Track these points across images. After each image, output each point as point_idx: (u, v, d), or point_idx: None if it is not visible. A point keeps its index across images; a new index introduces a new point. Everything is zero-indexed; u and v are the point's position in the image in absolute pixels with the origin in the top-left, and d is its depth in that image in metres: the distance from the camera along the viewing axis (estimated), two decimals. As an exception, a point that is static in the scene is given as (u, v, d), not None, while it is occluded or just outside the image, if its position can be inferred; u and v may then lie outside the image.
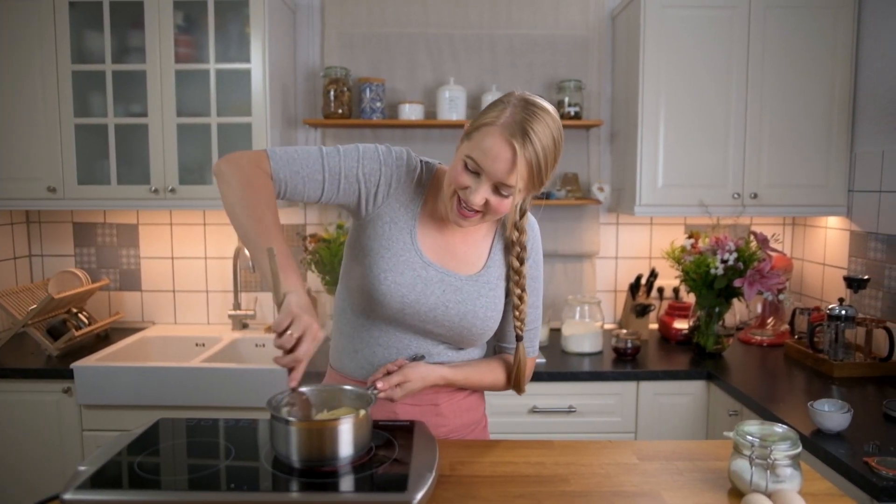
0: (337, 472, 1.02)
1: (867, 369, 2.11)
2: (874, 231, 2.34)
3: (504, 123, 1.13)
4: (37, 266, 2.84)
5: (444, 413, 1.35)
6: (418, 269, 1.26)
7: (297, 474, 1.01)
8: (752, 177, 2.47)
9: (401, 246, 1.26)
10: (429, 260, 1.27)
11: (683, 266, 2.41)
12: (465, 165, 1.17)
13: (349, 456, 1.04)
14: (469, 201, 1.17)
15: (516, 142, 1.12)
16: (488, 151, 1.13)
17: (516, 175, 1.13)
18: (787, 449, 1.04)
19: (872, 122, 2.37)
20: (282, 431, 1.04)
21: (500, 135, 1.13)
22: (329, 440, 1.03)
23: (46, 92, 2.39)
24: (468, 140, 1.18)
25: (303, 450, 1.03)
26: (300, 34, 2.76)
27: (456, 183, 1.18)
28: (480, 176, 1.16)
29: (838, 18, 2.42)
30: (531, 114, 1.14)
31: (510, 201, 1.18)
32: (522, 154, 1.12)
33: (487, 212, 1.19)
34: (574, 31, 2.75)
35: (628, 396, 2.26)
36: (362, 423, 1.06)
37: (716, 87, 2.44)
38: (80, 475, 0.99)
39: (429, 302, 1.26)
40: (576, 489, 1.08)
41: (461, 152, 1.19)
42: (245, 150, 1.21)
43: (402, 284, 1.24)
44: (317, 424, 1.05)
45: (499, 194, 1.17)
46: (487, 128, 1.14)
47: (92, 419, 2.23)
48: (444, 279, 1.27)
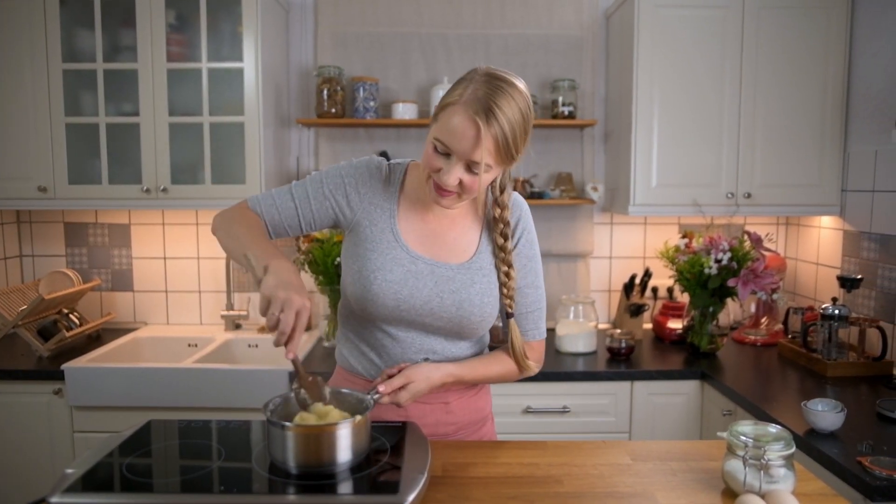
0: (329, 475, 1.01)
1: (860, 369, 2.12)
2: (867, 231, 2.34)
3: (467, 101, 1.13)
4: (27, 266, 2.82)
5: (454, 410, 1.35)
6: (407, 264, 1.26)
7: (290, 477, 1.00)
8: (746, 176, 2.47)
9: (385, 245, 1.27)
10: (416, 253, 1.28)
11: (677, 266, 2.41)
12: (434, 148, 1.18)
13: (347, 461, 1.02)
14: (443, 182, 1.18)
15: (480, 119, 1.11)
16: (454, 131, 1.14)
17: (483, 152, 1.13)
18: (781, 449, 1.04)
19: (865, 122, 2.38)
20: (278, 436, 1.02)
21: (463, 113, 1.13)
22: (327, 445, 1.01)
23: (37, 91, 2.37)
24: (436, 122, 1.19)
25: (299, 455, 1.01)
26: (293, 33, 2.75)
27: (429, 166, 1.19)
28: (451, 156, 1.16)
29: (831, 18, 2.43)
30: (495, 88, 1.13)
31: (485, 179, 1.19)
32: (487, 131, 1.12)
33: (463, 191, 1.20)
34: (568, 30, 2.75)
35: (622, 396, 2.26)
36: (360, 428, 1.04)
37: (709, 87, 2.44)
38: (68, 478, 0.98)
39: (422, 295, 1.26)
40: (569, 490, 1.08)
41: (430, 135, 1.20)
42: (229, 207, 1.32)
43: (393, 281, 1.25)
44: (314, 430, 1.02)
45: (471, 172, 1.18)
46: (452, 107, 1.15)
47: (83, 420, 2.21)
48: (434, 270, 1.27)
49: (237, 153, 2.41)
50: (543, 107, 2.74)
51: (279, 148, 2.64)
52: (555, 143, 2.79)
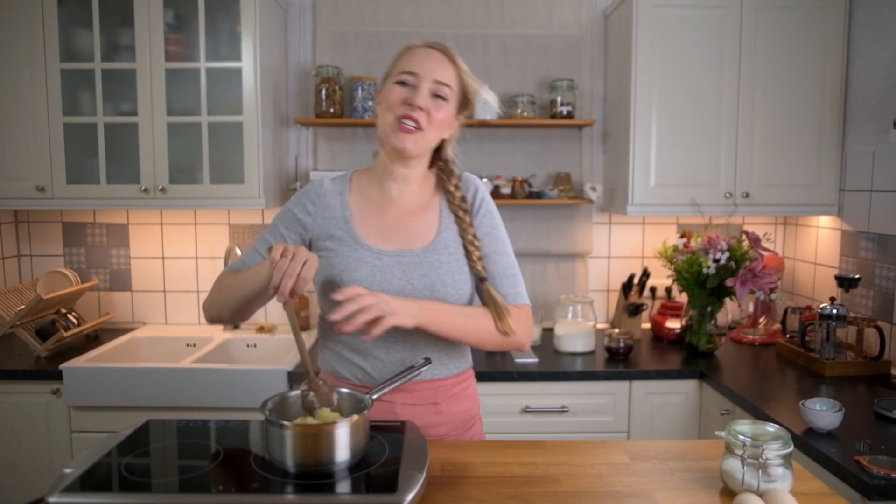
0: (327, 474, 1.01)
1: (858, 368, 2.12)
2: (865, 230, 2.35)
3: (416, 43, 1.29)
4: (25, 266, 2.81)
5: (444, 411, 1.35)
6: (371, 261, 1.29)
7: (288, 476, 1.00)
8: (744, 176, 2.47)
9: (346, 248, 1.31)
10: (379, 248, 1.30)
11: (676, 265, 2.41)
12: (398, 83, 1.26)
13: (345, 461, 1.02)
14: (413, 102, 1.24)
15: (437, 47, 1.27)
16: (416, 57, 1.26)
17: (449, 71, 1.26)
18: (779, 448, 1.04)
19: (863, 122, 2.38)
20: (276, 436, 1.02)
21: (420, 46, 1.28)
22: (325, 445, 1.01)
23: (35, 90, 2.36)
24: (388, 76, 1.29)
25: (298, 454, 1.01)
26: (292, 33, 2.75)
27: (396, 101, 1.26)
28: (417, 84, 1.25)
29: (829, 18, 2.43)
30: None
31: (448, 110, 1.28)
32: (448, 53, 1.27)
33: (429, 124, 1.26)
34: (567, 30, 2.75)
35: (621, 396, 2.26)
36: (358, 427, 1.04)
37: (708, 87, 2.44)
38: (66, 478, 0.98)
39: (392, 286, 1.27)
40: (567, 489, 1.08)
41: (390, 81, 1.28)
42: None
43: (360, 279, 1.27)
44: (313, 429, 1.03)
45: (437, 97, 1.26)
46: (404, 52, 1.29)
47: (81, 421, 2.21)
48: (399, 260, 1.29)
49: (236, 153, 2.41)
50: (542, 106, 2.74)
51: (278, 148, 2.64)
52: (553, 143, 2.79)
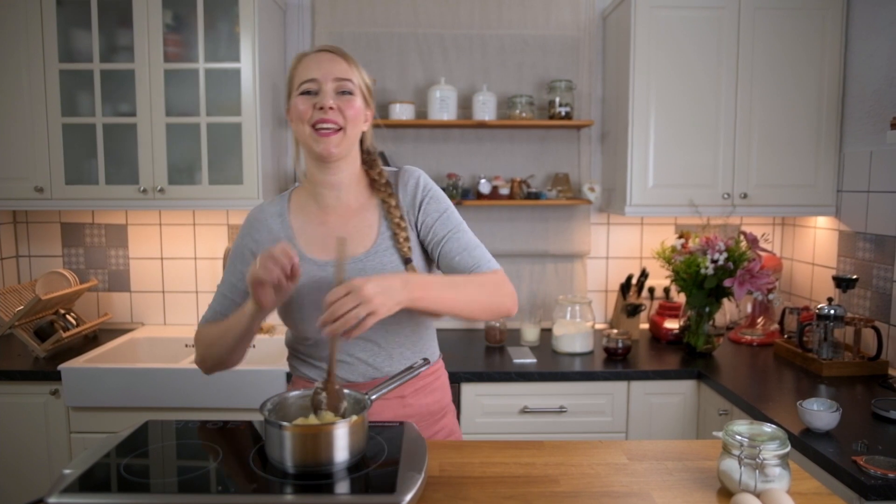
0: (326, 475, 1.02)
1: (856, 368, 2.12)
2: (863, 231, 2.35)
3: (304, 53, 1.32)
4: (24, 267, 2.81)
5: (411, 404, 1.37)
6: (316, 273, 1.31)
7: (287, 477, 1.01)
8: (742, 177, 2.48)
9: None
10: (322, 260, 1.32)
11: (674, 266, 2.42)
12: (302, 94, 1.28)
13: (344, 461, 1.02)
14: (323, 106, 1.25)
15: (324, 48, 1.31)
16: (311, 64, 1.28)
17: (346, 65, 1.29)
18: (776, 448, 1.04)
19: (860, 123, 2.39)
20: (275, 436, 1.02)
21: (309, 54, 1.31)
22: (324, 445, 1.01)
23: (33, 91, 2.37)
24: (292, 91, 1.31)
25: (297, 455, 1.01)
26: (290, 33, 2.75)
27: (304, 109, 1.27)
28: (319, 88, 1.27)
29: (827, 20, 2.44)
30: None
31: (358, 101, 1.30)
32: (337, 52, 1.30)
33: (345, 121, 1.27)
34: (565, 31, 2.75)
35: (619, 396, 2.27)
36: (357, 428, 1.04)
37: (706, 88, 2.45)
38: (66, 478, 0.98)
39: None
40: (565, 490, 1.08)
41: (294, 95, 1.29)
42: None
43: (306, 293, 1.29)
44: (312, 429, 1.02)
45: (344, 93, 1.28)
46: (297, 66, 1.31)
47: (80, 421, 2.21)
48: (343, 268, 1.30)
49: (234, 153, 2.41)
50: (540, 107, 2.75)
51: (276, 148, 2.64)
52: (552, 144, 2.80)
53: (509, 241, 2.80)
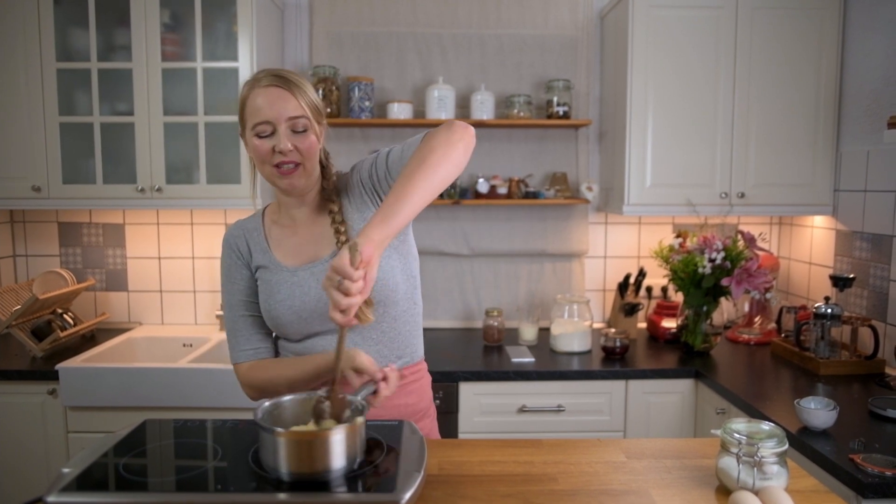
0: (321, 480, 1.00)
1: (853, 367, 2.13)
2: (859, 230, 2.36)
3: (253, 84, 1.28)
4: (21, 266, 2.81)
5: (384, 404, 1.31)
6: (289, 279, 1.35)
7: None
8: (740, 176, 2.49)
9: (269, 275, 1.37)
10: (294, 267, 1.36)
11: (671, 265, 2.42)
12: (258, 136, 1.27)
13: (341, 468, 0.99)
14: (281, 152, 1.26)
15: (274, 81, 1.26)
16: (262, 105, 1.25)
17: (298, 102, 1.26)
18: (774, 446, 1.04)
19: (857, 123, 2.39)
20: (269, 442, 0.99)
21: (259, 88, 1.26)
22: (320, 453, 0.98)
23: (31, 90, 2.36)
24: (244, 125, 1.30)
25: (292, 463, 0.98)
26: (288, 33, 2.75)
27: (262, 155, 1.27)
28: (274, 130, 1.26)
29: (824, 20, 2.44)
30: (262, 71, 1.30)
31: (312, 135, 1.28)
32: (287, 85, 1.26)
33: (303, 157, 1.28)
34: (563, 30, 2.76)
35: (617, 395, 2.27)
36: (355, 433, 1.01)
37: (703, 88, 2.45)
38: (65, 477, 0.98)
39: (311, 297, 1.32)
40: (564, 488, 1.08)
41: (248, 134, 1.29)
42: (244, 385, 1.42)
43: (281, 300, 1.33)
44: (307, 436, 0.99)
45: (298, 132, 1.27)
46: (247, 99, 1.28)
47: (77, 421, 2.21)
48: (312, 271, 1.34)
49: (232, 153, 2.41)
50: (538, 107, 2.75)
51: (274, 147, 2.63)
52: (550, 143, 2.80)
53: (507, 240, 2.80)
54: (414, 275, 1.41)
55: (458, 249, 2.79)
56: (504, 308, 2.80)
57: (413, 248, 1.43)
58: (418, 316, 1.44)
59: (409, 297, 1.39)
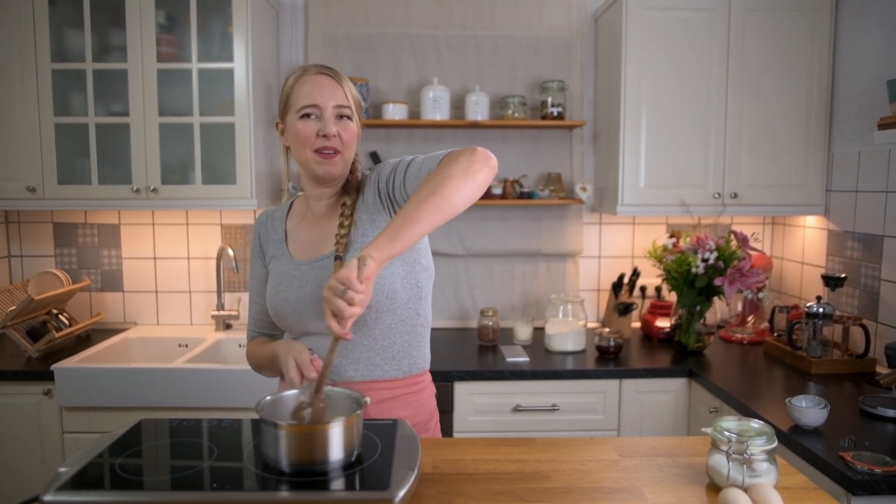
0: (321, 473, 1.02)
1: (844, 366, 2.15)
2: (851, 230, 2.38)
3: (305, 71, 1.34)
4: (16, 267, 2.80)
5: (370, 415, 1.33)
6: (292, 272, 1.37)
7: (281, 474, 1.01)
8: (733, 177, 2.50)
9: (278, 265, 1.41)
10: (300, 261, 1.38)
11: (665, 265, 2.44)
12: (302, 118, 1.31)
13: (339, 460, 1.02)
14: (326, 134, 1.30)
15: (325, 70, 1.33)
16: (312, 91, 1.31)
17: (345, 92, 1.32)
18: (763, 444, 1.06)
19: (849, 124, 2.41)
20: (271, 435, 1.02)
21: (310, 75, 1.33)
22: (319, 444, 1.01)
23: (25, 90, 2.36)
24: (289, 109, 1.34)
25: (292, 454, 1.01)
26: (283, 34, 2.75)
27: (306, 137, 1.31)
28: (320, 114, 1.31)
29: (816, 22, 2.46)
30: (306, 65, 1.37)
31: (354, 124, 1.34)
32: (337, 76, 1.34)
33: (343, 146, 1.33)
34: (557, 32, 2.77)
35: (611, 394, 2.29)
36: (353, 426, 1.05)
37: (697, 89, 2.47)
38: (61, 476, 0.99)
39: (307, 291, 1.33)
40: (557, 486, 1.09)
41: (292, 118, 1.33)
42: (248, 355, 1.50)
43: (281, 291, 1.37)
44: (307, 429, 1.03)
45: (342, 119, 1.33)
46: (296, 84, 1.33)
47: (73, 421, 2.21)
48: (312, 267, 1.35)
49: (228, 153, 2.41)
50: (533, 107, 2.76)
51: (270, 148, 2.64)
52: (544, 144, 2.81)
53: (502, 240, 2.81)
54: (420, 286, 1.36)
55: (454, 249, 2.80)
56: (499, 308, 2.81)
57: (424, 258, 1.38)
58: (422, 328, 1.40)
59: (410, 307, 1.35)
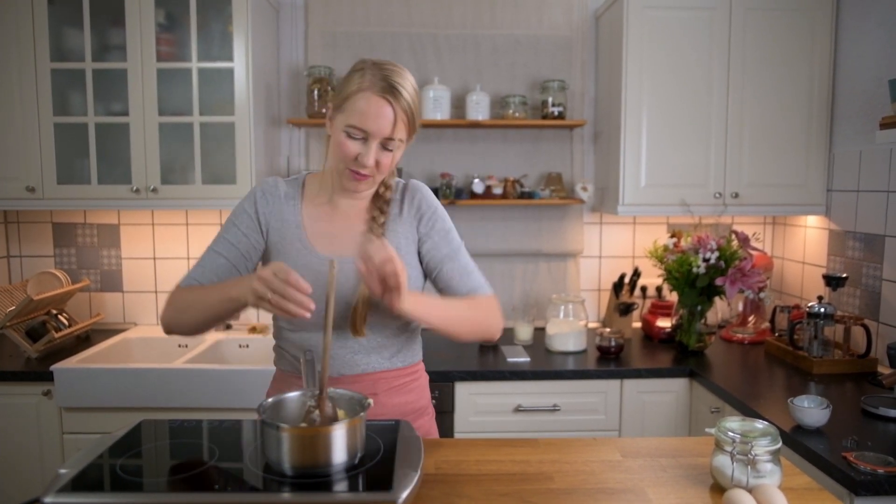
0: (324, 475, 1.01)
1: (846, 366, 2.15)
2: (852, 230, 2.37)
3: (371, 84, 1.23)
4: (15, 267, 2.80)
5: (383, 402, 1.36)
6: (316, 267, 1.31)
7: (283, 476, 1.01)
8: (733, 176, 2.50)
9: (295, 253, 1.34)
10: (324, 255, 1.33)
11: (666, 265, 2.43)
12: (348, 136, 1.25)
13: (342, 463, 1.01)
14: (364, 163, 1.25)
15: (389, 96, 1.23)
16: (367, 113, 1.23)
17: (399, 126, 1.25)
18: (768, 444, 1.05)
19: (850, 123, 2.41)
20: (273, 438, 1.01)
21: (373, 95, 1.23)
22: (322, 447, 1.00)
23: (24, 90, 2.35)
24: (341, 113, 1.26)
25: (296, 457, 1.00)
26: (283, 33, 2.75)
27: (346, 155, 1.26)
28: (367, 139, 1.25)
29: (816, 21, 2.46)
30: (389, 70, 1.26)
31: (396, 155, 1.30)
32: (399, 105, 1.24)
33: (378, 171, 1.29)
34: (557, 31, 2.77)
35: (612, 394, 2.28)
36: (357, 428, 1.04)
37: (697, 88, 2.46)
38: (62, 478, 0.98)
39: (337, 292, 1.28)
40: (560, 487, 1.09)
41: (338, 126, 1.27)
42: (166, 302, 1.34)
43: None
44: (310, 431, 1.02)
45: (385, 150, 1.27)
46: (357, 94, 1.24)
47: (72, 422, 2.20)
48: (342, 267, 1.31)
49: (228, 153, 2.40)
50: (533, 107, 2.76)
51: (270, 148, 2.64)
52: (545, 144, 2.81)
53: (502, 240, 2.81)
54: (417, 287, 1.41)
55: (454, 249, 2.79)
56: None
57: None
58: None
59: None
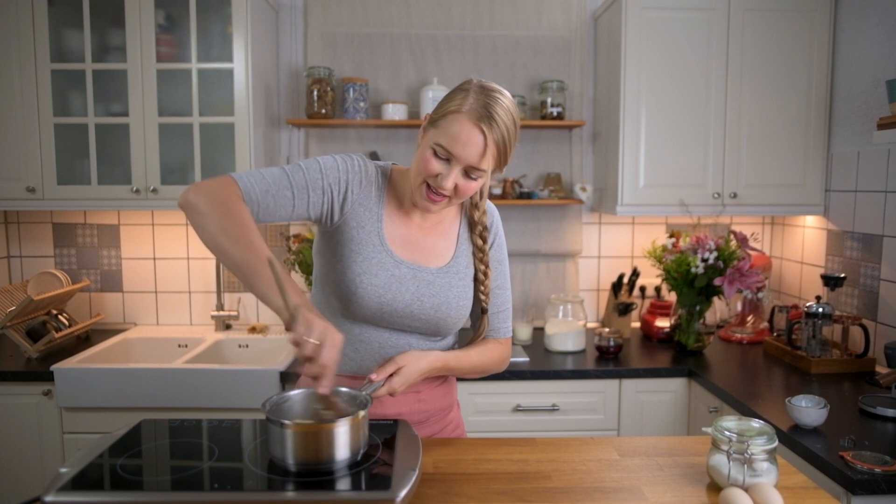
0: (326, 472, 1.02)
1: (844, 365, 2.15)
2: (850, 230, 2.38)
3: (469, 109, 1.18)
4: (15, 267, 2.80)
5: (426, 399, 1.37)
6: (391, 269, 1.28)
7: (283, 474, 1.01)
8: (732, 177, 2.50)
9: (371, 248, 1.28)
10: (399, 258, 1.30)
11: (665, 265, 2.44)
12: (434, 153, 1.21)
13: (345, 459, 1.03)
14: (441, 187, 1.21)
15: (484, 125, 1.17)
16: (458, 137, 1.18)
17: (487, 158, 1.19)
18: (764, 443, 1.06)
19: (848, 124, 2.42)
20: (277, 434, 1.02)
21: (468, 120, 1.17)
22: (326, 443, 1.01)
23: (24, 91, 2.36)
24: (434, 128, 1.22)
25: (298, 453, 1.01)
26: (283, 34, 2.75)
27: (426, 171, 1.22)
28: (451, 162, 1.20)
29: (815, 22, 2.46)
30: (492, 98, 1.19)
31: (478, 184, 1.24)
32: (491, 136, 1.18)
33: (455, 195, 1.24)
34: (556, 32, 2.77)
35: (611, 394, 2.29)
36: (359, 425, 1.05)
37: (696, 89, 2.47)
38: (62, 477, 0.99)
39: (404, 299, 1.29)
40: (558, 485, 1.10)
41: (427, 141, 1.22)
42: (209, 179, 1.16)
43: (378, 286, 1.27)
44: (313, 427, 1.03)
45: (468, 178, 1.22)
46: (454, 115, 1.18)
47: (73, 422, 2.21)
48: (416, 275, 1.30)
49: (227, 154, 2.41)
50: (532, 108, 2.76)
51: (269, 148, 2.64)
52: (543, 144, 2.81)
53: (502, 240, 2.81)
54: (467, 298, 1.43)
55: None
56: (498, 308, 2.81)
57: None
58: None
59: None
